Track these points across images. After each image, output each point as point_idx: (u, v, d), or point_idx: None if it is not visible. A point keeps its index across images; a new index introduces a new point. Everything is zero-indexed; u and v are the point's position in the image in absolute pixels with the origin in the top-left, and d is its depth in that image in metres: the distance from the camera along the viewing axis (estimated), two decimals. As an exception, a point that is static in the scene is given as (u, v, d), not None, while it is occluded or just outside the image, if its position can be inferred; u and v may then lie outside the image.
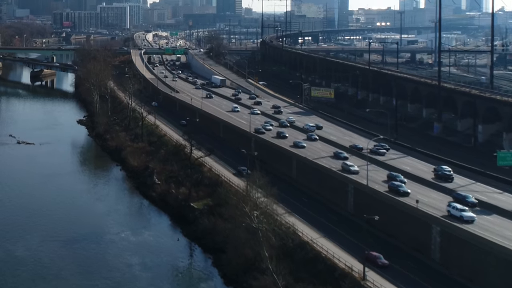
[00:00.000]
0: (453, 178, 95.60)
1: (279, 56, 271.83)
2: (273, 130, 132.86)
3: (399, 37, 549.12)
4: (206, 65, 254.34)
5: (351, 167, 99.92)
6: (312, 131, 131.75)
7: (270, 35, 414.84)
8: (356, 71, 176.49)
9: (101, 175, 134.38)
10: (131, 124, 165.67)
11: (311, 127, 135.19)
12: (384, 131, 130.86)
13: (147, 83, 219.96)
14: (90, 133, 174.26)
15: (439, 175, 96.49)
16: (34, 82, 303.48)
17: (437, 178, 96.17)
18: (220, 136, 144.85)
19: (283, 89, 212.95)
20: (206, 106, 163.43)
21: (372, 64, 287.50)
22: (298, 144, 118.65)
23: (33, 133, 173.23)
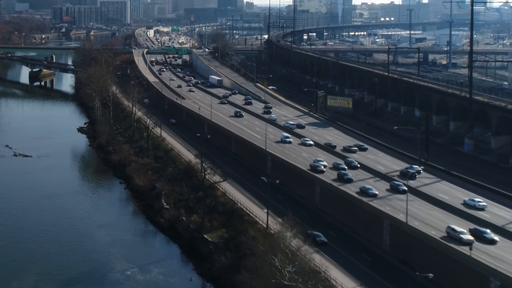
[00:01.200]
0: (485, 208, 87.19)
1: (287, 57, 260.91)
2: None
3: (404, 34, 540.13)
4: (211, 67, 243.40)
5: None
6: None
7: (276, 33, 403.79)
8: (375, 78, 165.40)
9: (104, 195, 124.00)
10: (135, 135, 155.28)
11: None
12: (411, 148, 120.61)
13: (151, 87, 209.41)
14: (91, 144, 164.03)
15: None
16: (32, 82, 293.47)
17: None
18: (231, 150, 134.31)
19: (294, 94, 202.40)
20: (215, 115, 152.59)
21: (384, 65, 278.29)
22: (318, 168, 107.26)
23: (31, 143, 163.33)
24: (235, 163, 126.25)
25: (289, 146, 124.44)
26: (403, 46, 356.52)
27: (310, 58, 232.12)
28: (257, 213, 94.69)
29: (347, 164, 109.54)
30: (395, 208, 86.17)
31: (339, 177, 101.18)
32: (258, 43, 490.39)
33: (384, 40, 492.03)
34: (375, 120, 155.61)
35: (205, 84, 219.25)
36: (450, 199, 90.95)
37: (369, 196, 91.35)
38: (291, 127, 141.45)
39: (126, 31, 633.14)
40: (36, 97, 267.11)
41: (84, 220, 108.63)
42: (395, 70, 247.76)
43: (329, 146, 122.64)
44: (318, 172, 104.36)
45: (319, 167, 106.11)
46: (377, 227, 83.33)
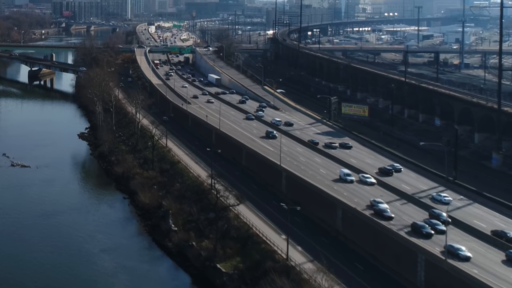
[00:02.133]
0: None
1: (295, 57, 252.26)
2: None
3: (410, 30, 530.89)
4: (216, 68, 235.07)
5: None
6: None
7: (281, 30, 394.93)
8: (391, 84, 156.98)
9: (107, 213, 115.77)
10: (139, 144, 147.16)
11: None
12: (435, 162, 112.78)
13: (154, 90, 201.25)
14: (92, 152, 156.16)
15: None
16: (32, 81, 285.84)
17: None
18: (242, 163, 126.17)
19: (303, 98, 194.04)
20: (223, 122, 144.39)
21: (394, 65, 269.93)
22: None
23: (30, 150, 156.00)
24: (246, 178, 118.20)
25: (305, 160, 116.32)
26: (411, 44, 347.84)
27: (319, 60, 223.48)
28: (274, 240, 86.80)
29: (363, 181, 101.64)
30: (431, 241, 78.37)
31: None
32: (261, 39, 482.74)
33: (390, 37, 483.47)
34: (392, 129, 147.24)
35: (202, 82, 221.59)
36: (488, 228, 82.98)
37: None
38: (277, 124, 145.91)
39: (127, 26, 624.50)
40: (36, 97, 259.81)
41: (86, 242, 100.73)
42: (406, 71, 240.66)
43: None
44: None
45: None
46: (411, 261, 75.33)
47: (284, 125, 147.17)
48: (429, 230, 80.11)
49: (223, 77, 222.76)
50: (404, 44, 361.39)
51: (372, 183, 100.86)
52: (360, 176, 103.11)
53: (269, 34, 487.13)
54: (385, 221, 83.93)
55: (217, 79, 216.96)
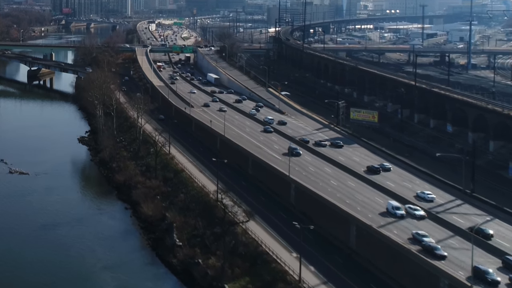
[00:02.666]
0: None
1: (299, 58, 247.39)
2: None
3: (412, 28, 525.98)
4: (219, 69, 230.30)
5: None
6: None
7: (283, 28, 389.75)
8: (401, 88, 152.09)
9: (108, 225, 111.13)
10: (141, 151, 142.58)
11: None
12: (450, 173, 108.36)
13: (156, 92, 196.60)
14: (93, 158, 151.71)
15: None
16: (31, 81, 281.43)
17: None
18: (248, 172, 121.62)
19: (309, 101, 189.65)
20: (228, 127, 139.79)
21: (399, 65, 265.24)
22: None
23: (28, 156, 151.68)
24: (253, 188, 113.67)
25: (315, 170, 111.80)
26: (415, 43, 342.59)
27: (324, 61, 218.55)
28: (285, 259, 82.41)
29: (411, 214, 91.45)
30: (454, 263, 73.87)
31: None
32: (263, 37, 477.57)
33: (393, 35, 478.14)
34: (402, 135, 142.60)
35: (201, 81, 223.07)
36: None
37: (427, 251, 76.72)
38: (270, 122, 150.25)
39: (127, 23, 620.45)
40: (35, 98, 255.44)
41: (86, 258, 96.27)
42: (412, 72, 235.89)
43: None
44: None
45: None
46: (431, 285, 70.87)
47: (278, 123, 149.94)
48: (495, 277, 69.50)
49: (224, 76, 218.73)
50: (408, 43, 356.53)
51: (421, 217, 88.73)
52: (407, 208, 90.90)
53: (271, 32, 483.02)
54: (437, 261, 73.99)
55: (216, 78, 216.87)
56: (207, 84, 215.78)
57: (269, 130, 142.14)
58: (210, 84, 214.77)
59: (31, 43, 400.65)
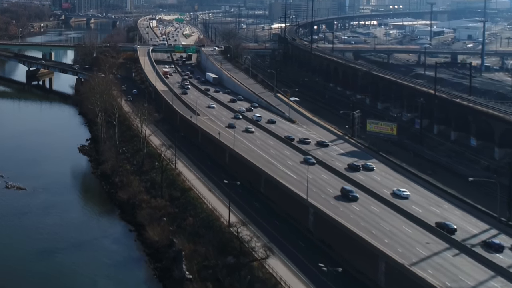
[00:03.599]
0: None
1: (306, 59, 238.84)
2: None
3: (417, 24, 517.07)
4: (224, 71, 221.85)
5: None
6: None
7: (288, 26, 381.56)
8: (420, 98, 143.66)
9: (111, 251, 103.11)
10: (145, 165, 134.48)
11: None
12: (478, 195, 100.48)
13: (159, 97, 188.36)
14: (94, 170, 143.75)
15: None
16: (30, 81, 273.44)
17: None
18: (260, 191, 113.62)
19: (319, 107, 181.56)
20: (237, 140, 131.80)
21: (408, 66, 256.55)
22: None
23: (26, 168, 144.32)
24: (267, 210, 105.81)
25: (334, 192, 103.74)
26: (424, 42, 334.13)
27: (334, 64, 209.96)
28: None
29: None
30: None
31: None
32: (265, 34, 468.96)
33: (398, 32, 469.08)
34: (423, 148, 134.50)
35: (200, 80, 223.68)
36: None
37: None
38: (258, 120, 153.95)
39: (128, 19, 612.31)
40: (33, 99, 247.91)
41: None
42: (424, 75, 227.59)
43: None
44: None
45: None
46: None
47: (267, 122, 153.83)
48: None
49: (230, 80, 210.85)
50: (416, 42, 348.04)
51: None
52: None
53: (274, 28, 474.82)
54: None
55: (214, 78, 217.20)
56: (205, 82, 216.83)
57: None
58: (209, 83, 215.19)
59: (30, 41, 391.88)
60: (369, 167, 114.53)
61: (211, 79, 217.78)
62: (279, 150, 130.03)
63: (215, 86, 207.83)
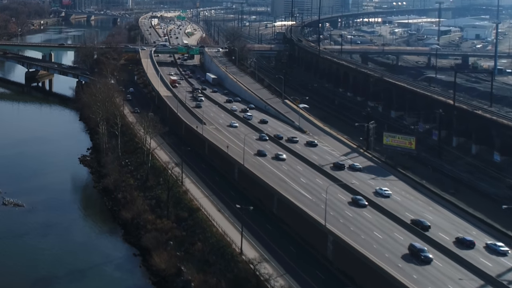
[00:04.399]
0: None
1: (314, 62, 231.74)
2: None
3: (423, 22, 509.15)
4: (229, 75, 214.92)
5: None
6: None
7: (293, 24, 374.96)
8: (438, 109, 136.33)
9: (115, 278, 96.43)
10: (149, 180, 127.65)
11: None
12: (505, 217, 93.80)
13: (163, 103, 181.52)
14: (96, 184, 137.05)
15: None
16: (29, 83, 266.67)
17: None
18: (273, 212, 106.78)
19: (329, 115, 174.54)
20: (247, 153, 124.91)
21: (418, 69, 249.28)
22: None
23: (24, 180, 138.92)
24: (280, 234, 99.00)
25: (353, 216, 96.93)
26: (432, 43, 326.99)
27: (344, 68, 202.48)
28: None
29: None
30: None
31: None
32: (269, 32, 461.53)
33: (403, 30, 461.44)
34: (442, 163, 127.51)
35: (200, 79, 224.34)
36: None
37: None
38: (248, 118, 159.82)
39: (129, 17, 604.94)
40: (33, 101, 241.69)
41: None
42: (435, 78, 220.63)
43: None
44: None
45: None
46: None
47: (260, 122, 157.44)
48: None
49: (233, 83, 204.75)
50: (423, 42, 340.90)
51: None
52: None
53: (277, 26, 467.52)
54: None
55: (213, 78, 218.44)
56: (204, 82, 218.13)
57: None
58: (208, 83, 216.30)
59: (29, 39, 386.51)
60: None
61: (210, 80, 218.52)
62: (292, 165, 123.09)
63: (217, 88, 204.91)
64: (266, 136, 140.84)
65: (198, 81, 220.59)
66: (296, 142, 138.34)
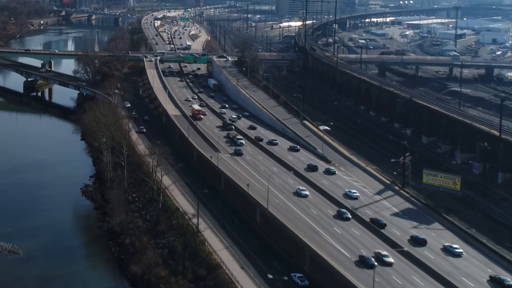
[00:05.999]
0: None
1: (330, 75, 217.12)
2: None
3: (434, 23, 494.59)
4: (241, 90, 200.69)
5: None
6: None
7: (301, 26, 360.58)
8: (481, 141, 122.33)
9: None
10: (160, 222, 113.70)
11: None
12: None
13: (171, 124, 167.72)
14: (100, 224, 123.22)
15: None
16: (27, 93, 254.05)
17: None
18: (305, 270, 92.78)
19: (352, 138, 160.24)
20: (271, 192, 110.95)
21: (440, 81, 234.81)
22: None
23: (20, 219, 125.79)
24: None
25: (403, 284, 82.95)
26: (449, 49, 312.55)
27: (365, 85, 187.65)
28: None
29: None
30: None
31: None
32: (275, 34, 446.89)
33: (414, 32, 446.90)
34: (489, 204, 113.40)
35: (201, 84, 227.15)
36: None
37: None
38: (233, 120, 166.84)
39: (131, 16, 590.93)
40: (31, 114, 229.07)
41: None
42: (460, 93, 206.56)
43: None
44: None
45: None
46: None
47: (248, 128, 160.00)
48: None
49: (245, 99, 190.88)
50: (440, 48, 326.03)
51: None
52: None
53: (284, 27, 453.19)
54: None
55: (214, 84, 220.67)
56: (205, 87, 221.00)
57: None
58: (209, 88, 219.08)
59: (29, 42, 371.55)
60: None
61: (211, 85, 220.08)
62: (320, 207, 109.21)
63: (229, 105, 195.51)
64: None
65: (200, 86, 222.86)
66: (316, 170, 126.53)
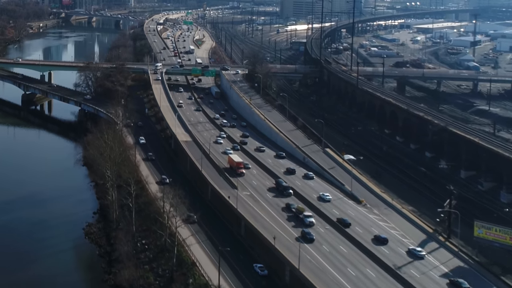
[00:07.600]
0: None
1: (349, 93, 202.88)
2: None
3: (443, 27, 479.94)
4: (255, 109, 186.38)
5: None
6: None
7: (314, 36, 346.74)
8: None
9: None
10: (175, 280, 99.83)
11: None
12: None
13: (181, 149, 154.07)
14: (106, 276, 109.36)
15: None
16: (26, 106, 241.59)
17: None
18: None
19: (380, 169, 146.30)
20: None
21: (464, 98, 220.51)
22: None
23: (18, 271, 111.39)
24: None
25: None
26: (467, 59, 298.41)
27: (391, 107, 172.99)
28: None
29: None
30: None
31: None
32: (282, 38, 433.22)
33: (425, 37, 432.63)
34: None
35: (204, 91, 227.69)
36: None
37: None
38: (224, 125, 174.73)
39: (132, 19, 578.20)
40: (29, 129, 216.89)
41: None
42: (488, 112, 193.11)
43: None
44: None
45: None
46: None
47: (241, 143, 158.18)
48: None
49: (261, 121, 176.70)
50: (458, 57, 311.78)
51: None
52: None
53: (291, 31, 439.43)
54: None
55: (216, 92, 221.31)
56: (208, 94, 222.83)
57: None
58: (211, 96, 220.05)
59: (28, 47, 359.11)
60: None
61: (213, 93, 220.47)
62: (355, 263, 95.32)
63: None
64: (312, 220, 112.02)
65: (203, 93, 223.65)
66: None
